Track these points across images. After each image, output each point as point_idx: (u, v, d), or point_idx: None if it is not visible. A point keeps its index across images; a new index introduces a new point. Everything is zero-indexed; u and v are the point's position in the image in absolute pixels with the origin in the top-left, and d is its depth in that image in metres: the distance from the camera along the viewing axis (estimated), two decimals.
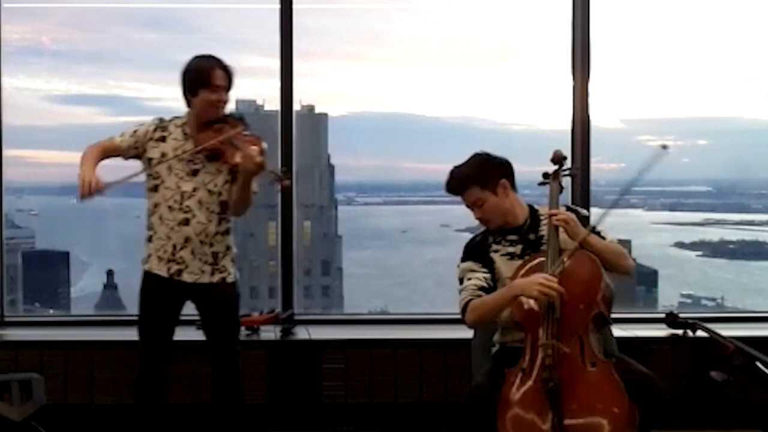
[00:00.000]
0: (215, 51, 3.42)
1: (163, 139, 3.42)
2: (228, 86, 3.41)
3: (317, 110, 5.81)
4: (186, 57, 3.43)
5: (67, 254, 6.72)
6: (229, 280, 3.48)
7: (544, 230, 3.10)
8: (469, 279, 3.09)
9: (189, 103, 3.42)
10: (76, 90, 6.23)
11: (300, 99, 5.06)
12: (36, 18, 5.57)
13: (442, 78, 5.80)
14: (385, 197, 7.20)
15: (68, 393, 4.19)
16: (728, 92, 5.83)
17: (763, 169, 5.89)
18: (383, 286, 7.26)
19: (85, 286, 7.02)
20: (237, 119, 3.47)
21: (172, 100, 6.24)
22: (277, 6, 4.72)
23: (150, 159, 3.42)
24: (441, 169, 3.11)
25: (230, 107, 3.53)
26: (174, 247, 3.39)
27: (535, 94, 5.65)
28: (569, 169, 3.20)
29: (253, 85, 5.41)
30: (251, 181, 3.33)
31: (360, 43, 5.99)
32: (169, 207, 3.38)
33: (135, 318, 4.92)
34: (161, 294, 3.44)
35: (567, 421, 2.75)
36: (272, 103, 4.92)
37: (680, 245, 7.38)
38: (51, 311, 6.43)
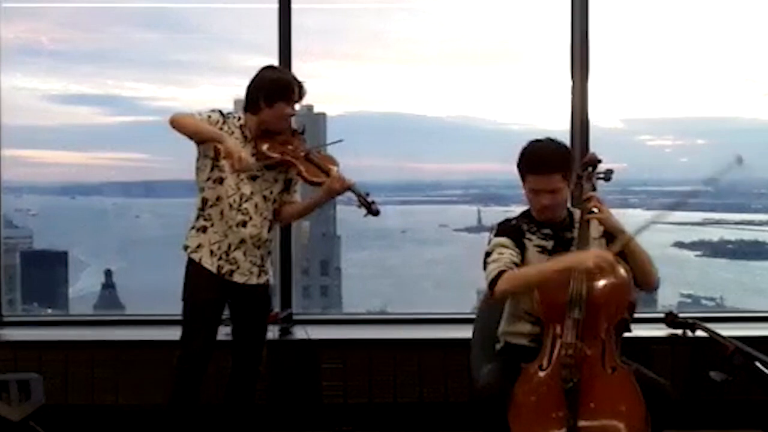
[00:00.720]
0: (215, 51, 3.43)
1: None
2: (299, 102, 3.48)
3: (316, 110, 5.80)
4: (185, 57, 3.44)
5: (65, 254, 6.72)
6: (271, 281, 3.58)
7: (577, 233, 3.06)
8: (501, 253, 2.97)
9: (256, 110, 3.40)
10: (75, 90, 6.24)
11: None
12: (35, 18, 5.56)
13: (442, 78, 5.80)
14: (385, 197, 7.19)
15: (68, 393, 4.18)
16: (727, 92, 5.84)
17: (763, 169, 5.89)
18: (382, 286, 7.26)
19: (83, 286, 7.02)
20: (301, 133, 3.51)
21: (170, 100, 6.28)
22: (276, 6, 4.72)
23: (217, 149, 3.34)
24: (441, 169, 3.10)
25: (230, 108, 3.54)
26: (229, 246, 3.39)
27: (534, 94, 5.65)
28: (603, 172, 3.19)
29: None
30: (329, 199, 3.43)
31: (359, 42, 5.99)
32: (229, 205, 3.38)
33: (136, 318, 4.92)
34: (213, 294, 3.42)
35: (582, 423, 2.74)
36: None
37: (680, 245, 7.37)
38: (49, 311, 6.42)
